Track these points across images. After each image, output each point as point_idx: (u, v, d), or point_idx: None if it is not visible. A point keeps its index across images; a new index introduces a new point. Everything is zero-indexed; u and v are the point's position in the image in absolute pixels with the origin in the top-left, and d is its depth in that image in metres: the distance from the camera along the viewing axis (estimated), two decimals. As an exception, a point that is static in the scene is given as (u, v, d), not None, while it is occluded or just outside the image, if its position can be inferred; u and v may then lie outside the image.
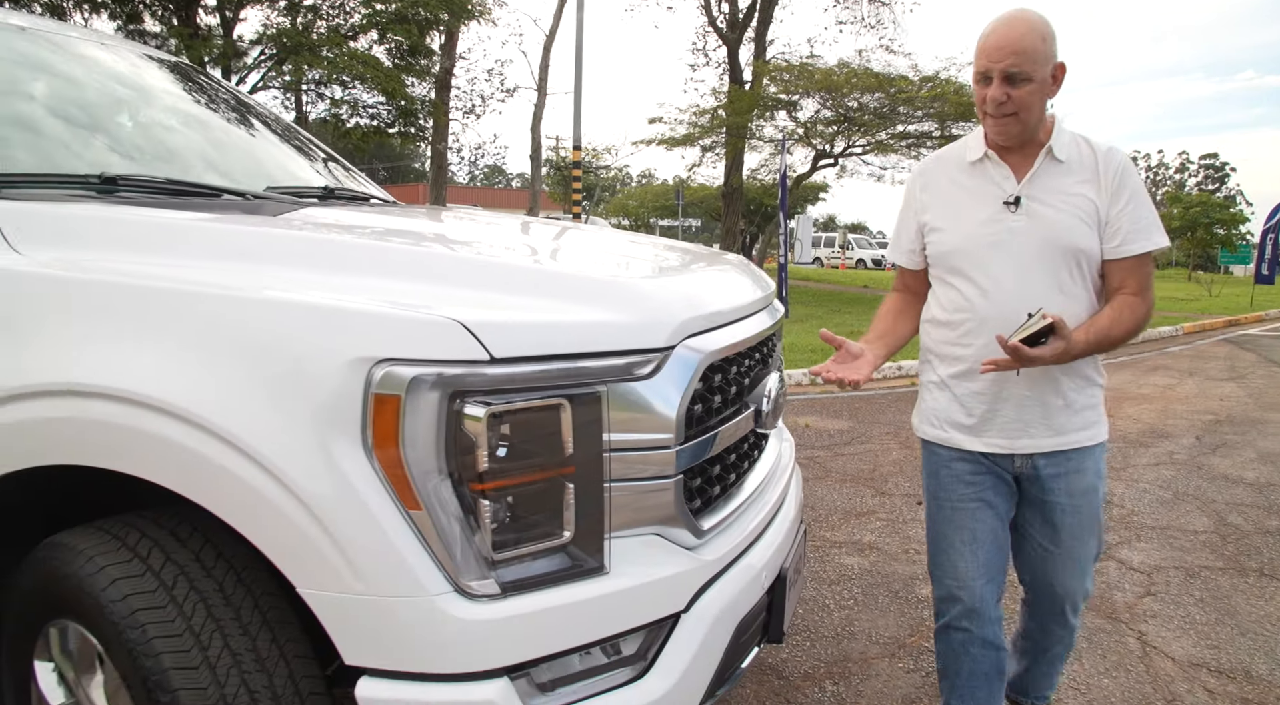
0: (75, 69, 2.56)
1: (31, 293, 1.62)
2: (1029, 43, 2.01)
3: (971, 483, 2.26)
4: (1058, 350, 2.01)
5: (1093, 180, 2.11)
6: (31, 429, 1.56)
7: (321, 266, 1.65)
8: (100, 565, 1.56)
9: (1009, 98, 2.05)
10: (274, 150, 2.98)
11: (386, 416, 1.43)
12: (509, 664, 1.49)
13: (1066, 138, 2.15)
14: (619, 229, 12.89)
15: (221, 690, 1.47)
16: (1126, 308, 2.11)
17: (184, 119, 2.75)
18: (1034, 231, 2.11)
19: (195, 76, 3.19)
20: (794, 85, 18.65)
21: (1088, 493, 2.22)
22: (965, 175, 2.22)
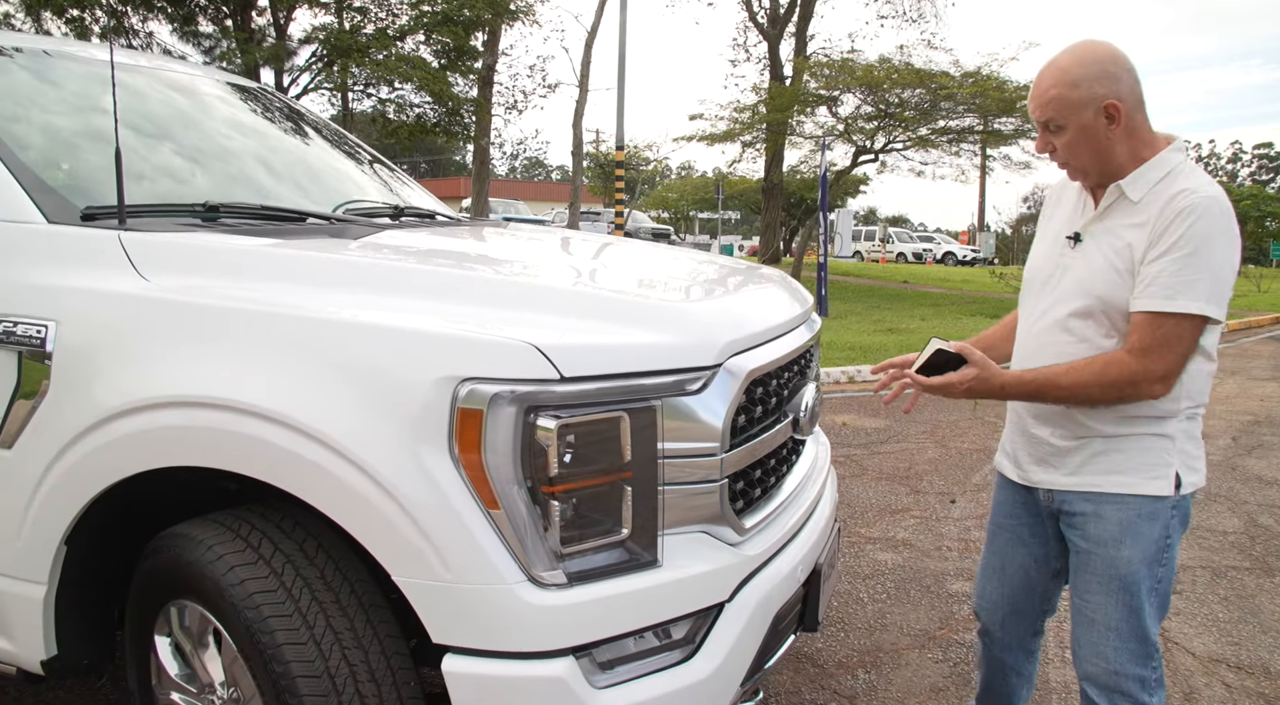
0: (171, 101, 2.81)
1: (157, 315, 1.85)
2: (1056, 93, 1.91)
3: (1010, 513, 2.24)
4: (965, 379, 1.95)
5: (1147, 224, 1.89)
6: (162, 434, 1.79)
7: (409, 292, 1.87)
8: (220, 553, 1.79)
9: (1054, 148, 1.98)
10: (347, 170, 3.22)
11: (470, 427, 1.64)
12: (574, 644, 1.70)
13: (1156, 174, 1.92)
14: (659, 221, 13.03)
15: (326, 663, 1.70)
16: (1102, 361, 1.91)
17: (267, 143, 3.00)
18: (1075, 271, 2.00)
19: (272, 99, 3.44)
20: (834, 81, 18.68)
21: (1106, 543, 1.99)
22: (1071, 202, 2.12)
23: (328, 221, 2.50)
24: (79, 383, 1.87)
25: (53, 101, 2.51)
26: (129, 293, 1.89)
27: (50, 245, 2.01)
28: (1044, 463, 2.10)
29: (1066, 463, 2.06)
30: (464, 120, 16.59)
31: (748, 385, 1.96)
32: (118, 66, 2.80)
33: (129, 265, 1.93)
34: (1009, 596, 2.28)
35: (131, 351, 1.84)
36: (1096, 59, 1.91)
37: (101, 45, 2.81)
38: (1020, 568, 2.24)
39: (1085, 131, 1.92)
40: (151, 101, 2.81)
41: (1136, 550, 1.97)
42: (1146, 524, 1.97)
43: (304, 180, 2.96)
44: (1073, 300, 2.00)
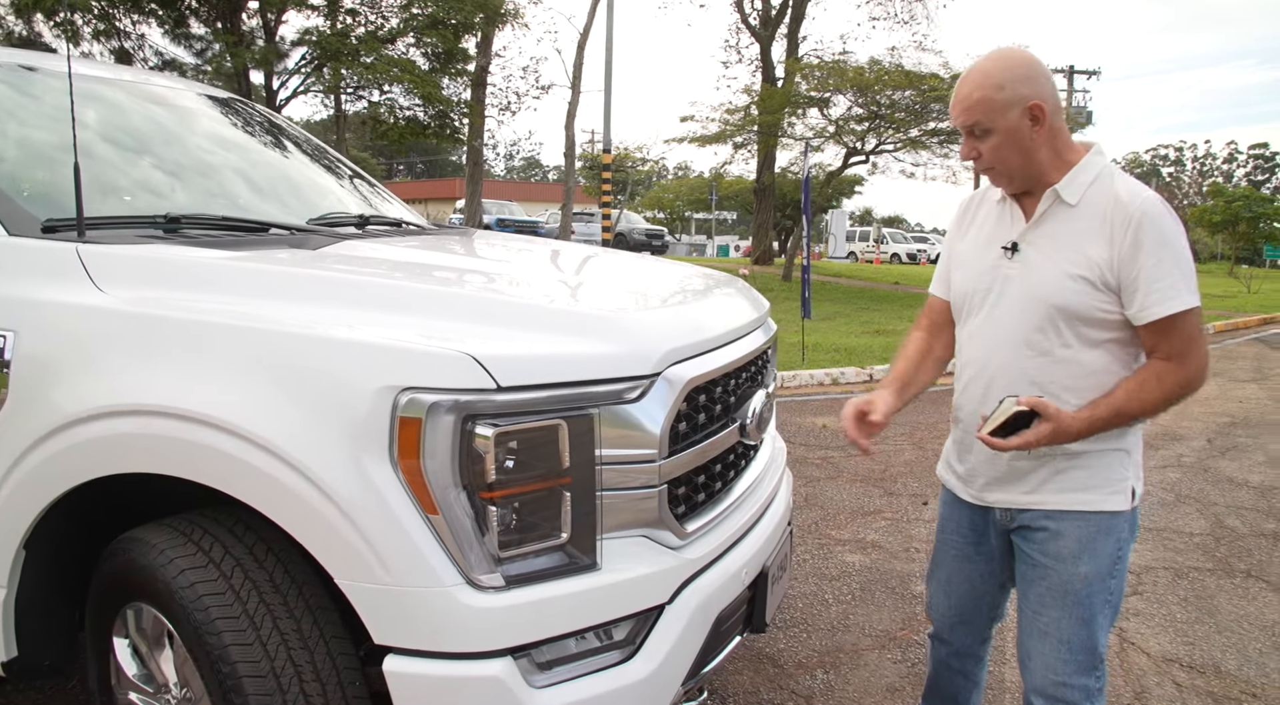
0: (140, 113, 2.87)
1: (111, 326, 1.91)
2: (980, 95, 1.90)
3: (956, 530, 2.23)
4: (1042, 435, 1.86)
5: (1100, 231, 1.89)
6: (114, 442, 1.84)
7: (356, 303, 1.92)
8: (171, 557, 1.85)
9: (979, 154, 1.95)
10: (316, 181, 3.28)
11: (409, 435, 1.70)
12: (512, 645, 1.75)
13: (1086, 177, 1.93)
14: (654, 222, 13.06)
15: (272, 664, 1.76)
16: (1153, 376, 1.89)
17: (236, 155, 3.05)
18: (1022, 282, 1.97)
19: (246, 111, 3.49)
20: (825, 83, 18.77)
21: (1064, 560, 1.99)
22: (992, 214, 2.11)
23: (289, 232, 2.55)
24: (36, 391, 1.93)
25: (22, 114, 2.56)
26: (85, 304, 1.94)
27: (9, 257, 2.06)
28: (1000, 482, 2.08)
29: (1026, 481, 2.03)
30: (454, 122, 16.63)
31: (687, 393, 2.01)
32: (95, 79, 2.87)
33: (86, 277, 1.99)
34: (956, 607, 2.30)
35: (87, 361, 1.90)
36: (1018, 62, 1.92)
37: (76, 58, 2.86)
38: (966, 580, 2.24)
39: (1011, 134, 1.91)
40: (124, 114, 2.86)
41: (1093, 566, 1.98)
42: (1103, 539, 1.98)
43: (272, 191, 3.01)
44: (1028, 314, 1.96)
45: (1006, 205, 2.07)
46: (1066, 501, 1.99)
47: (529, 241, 3.32)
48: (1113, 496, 1.98)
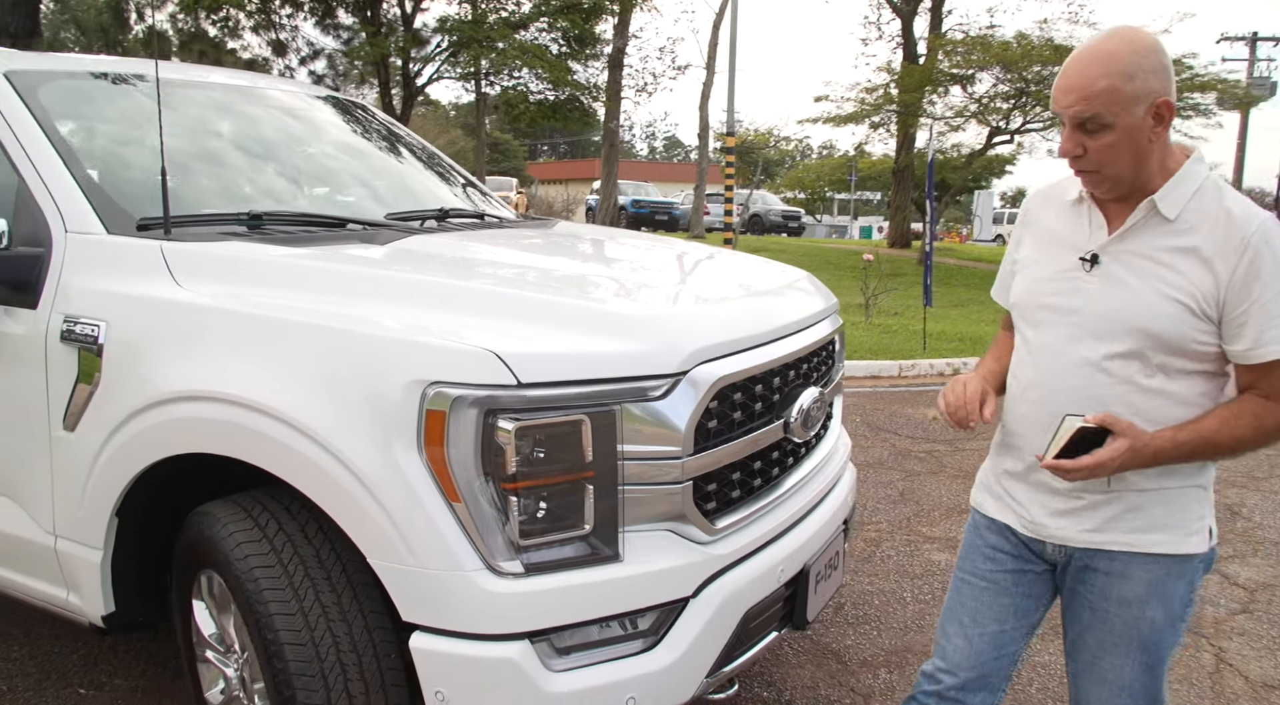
0: (249, 116, 3.08)
1: (184, 318, 2.09)
2: (1106, 83, 1.61)
3: (991, 558, 1.94)
4: (1117, 454, 1.64)
5: (1211, 253, 1.65)
6: (184, 424, 2.03)
7: (399, 298, 2.04)
8: (231, 530, 2.02)
9: (1085, 151, 1.68)
10: (407, 176, 3.45)
11: (435, 427, 1.80)
12: (529, 630, 1.84)
13: (1188, 188, 1.69)
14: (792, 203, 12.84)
15: (312, 633, 1.90)
16: (1249, 411, 1.69)
17: (332, 152, 3.24)
18: (1102, 299, 1.74)
19: (349, 110, 3.69)
20: (969, 59, 18.02)
21: (1130, 604, 1.78)
22: (1064, 216, 1.86)
23: (363, 227, 2.70)
24: (123, 376, 2.13)
25: (134, 119, 2.80)
26: (164, 298, 2.13)
27: (106, 254, 2.28)
28: (1063, 515, 1.82)
29: (1093, 516, 1.79)
30: (584, 105, 16.90)
31: (718, 391, 2.04)
32: (210, 85, 3.09)
33: (167, 273, 2.18)
34: (977, 653, 1.94)
35: (163, 350, 2.08)
36: (1150, 48, 1.63)
37: (191, 66, 3.09)
38: (995, 622, 1.92)
39: (1131, 133, 1.64)
40: (230, 117, 3.09)
41: (1162, 611, 1.78)
42: (1175, 583, 1.78)
43: (361, 188, 3.19)
44: (1112, 337, 1.72)
45: (1084, 208, 1.82)
46: (1138, 542, 1.77)
47: (597, 235, 3.38)
48: (1190, 538, 1.77)
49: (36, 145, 2.45)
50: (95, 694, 2.86)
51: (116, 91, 2.87)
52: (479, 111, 21.15)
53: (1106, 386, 1.73)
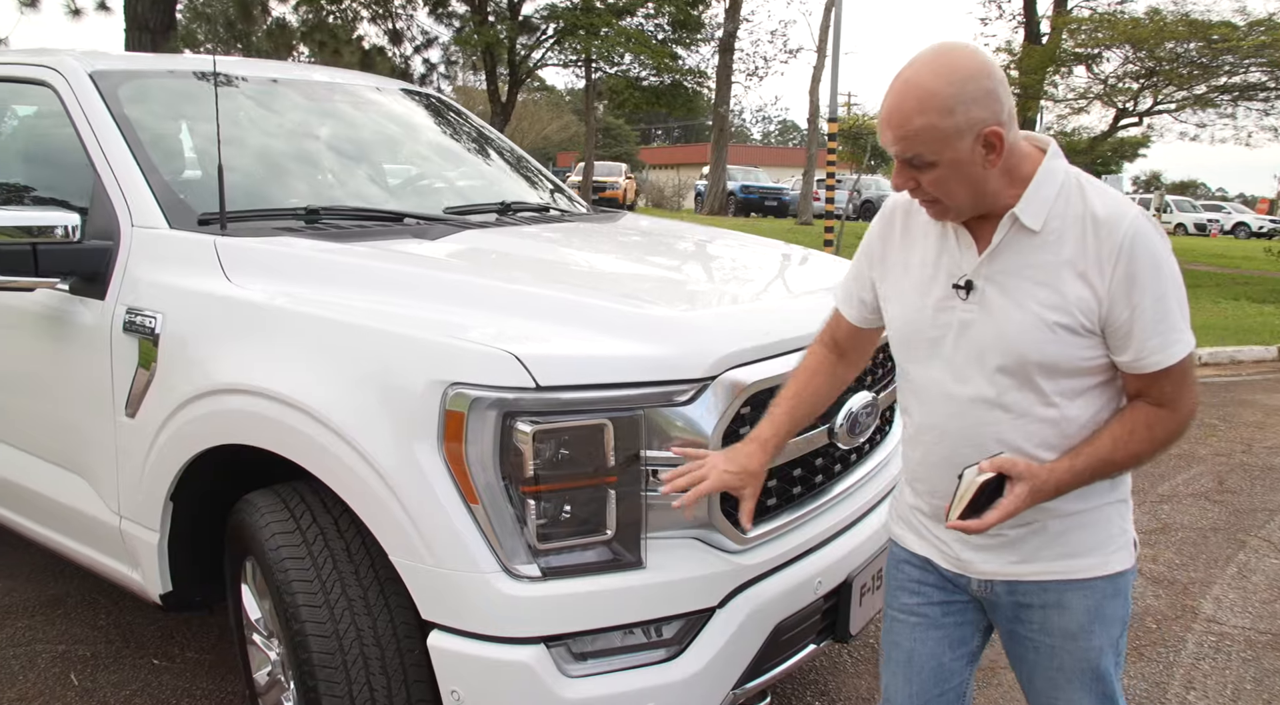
0: (320, 110, 3.15)
1: (231, 312, 2.15)
2: (922, 123, 1.49)
3: (917, 592, 1.82)
4: (1020, 499, 1.54)
5: (1085, 265, 1.53)
6: (225, 415, 2.09)
7: (430, 297, 2.05)
8: (268, 520, 2.07)
9: (917, 184, 1.56)
10: (474, 169, 3.47)
11: (455, 428, 1.80)
12: (545, 634, 1.82)
13: (1049, 192, 1.55)
14: None
15: (336, 626, 1.93)
16: (1143, 425, 1.59)
17: (396, 147, 3.29)
18: (984, 329, 1.60)
19: (426, 104, 3.74)
20: (1095, 38, 17.14)
21: (1074, 636, 1.69)
22: (930, 236, 1.70)
23: (418, 222, 2.73)
24: (175, 367, 2.21)
25: (206, 116, 2.89)
26: (213, 292, 2.20)
27: (166, 248, 2.36)
28: (986, 549, 1.71)
29: (1015, 549, 1.68)
30: (688, 91, 16.81)
31: (749, 397, 1.98)
32: (281, 82, 3.17)
33: (219, 268, 2.24)
34: (919, 696, 1.84)
35: (209, 343, 2.15)
36: (969, 74, 1.48)
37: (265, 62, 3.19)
38: (933, 655, 1.82)
39: (959, 167, 1.51)
40: (301, 112, 3.16)
41: (1105, 635, 1.69)
42: (1112, 603, 1.69)
43: (428, 181, 3.23)
44: (1000, 370, 1.59)
45: (950, 229, 1.66)
46: (1066, 570, 1.67)
47: (654, 231, 3.31)
48: (1116, 554, 1.68)
49: (112, 143, 2.55)
50: (167, 665, 3.00)
51: (191, 89, 2.97)
52: (588, 97, 21.29)
53: (1005, 422, 1.61)
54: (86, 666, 2.98)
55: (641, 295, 2.13)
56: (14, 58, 3.02)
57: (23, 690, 2.85)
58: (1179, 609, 3.53)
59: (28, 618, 3.30)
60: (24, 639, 3.15)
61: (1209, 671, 3.08)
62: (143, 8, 10.76)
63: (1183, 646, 3.24)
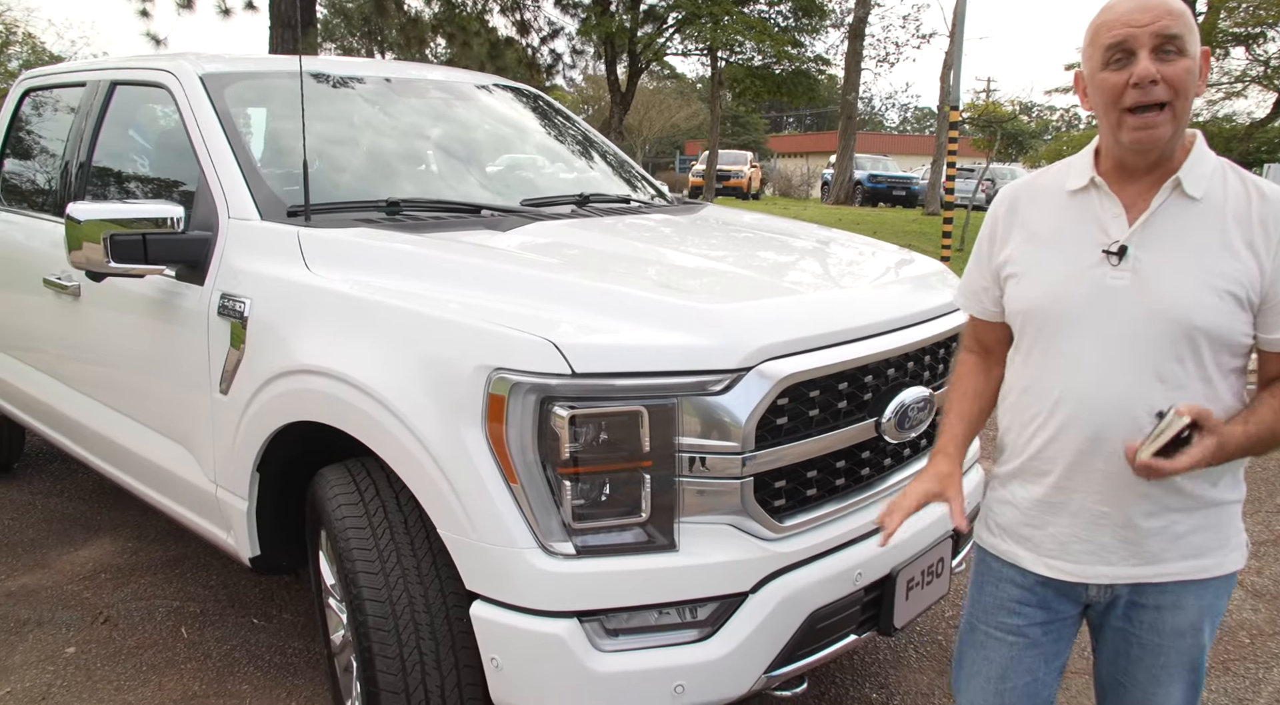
0: (410, 106, 3.32)
1: (310, 299, 2.32)
2: (1179, 6, 1.48)
3: (1017, 612, 1.77)
4: (1208, 451, 1.47)
5: (1250, 232, 1.52)
6: (300, 394, 2.26)
7: (486, 287, 2.17)
8: (336, 493, 2.23)
9: (1161, 78, 1.46)
10: (559, 162, 3.58)
11: (497, 411, 1.91)
12: (578, 609, 1.91)
13: (1208, 167, 1.56)
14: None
15: (390, 592, 2.07)
16: None
17: (486, 141, 3.43)
18: (1140, 297, 1.56)
19: (517, 98, 3.88)
20: (1255, 16, 16.01)
21: (1184, 634, 1.68)
22: (1063, 209, 1.67)
23: (494, 214, 2.85)
24: (260, 349, 2.39)
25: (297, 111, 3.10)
26: (294, 279, 2.37)
27: (256, 238, 2.55)
28: (1108, 551, 1.66)
29: (1144, 549, 1.64)
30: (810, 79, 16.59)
31: (788, 388, 2.01)
32: (378, 79, 3.36)
33: (300, 257, 2.42)
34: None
35: (289, 327, 2.32)
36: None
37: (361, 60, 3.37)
38: (1029, 672, 1.78)
39: (1195, 68, 1.50)
40: (393, 108, 3.34)
41: (1210, 631, 1.70)
42: (1221, 600, 1.70)
43: (509, 174, 3.36)
44: (1156, 337, 1.55)
45: (1093, 196, 1.62)
46: (1189, 570, 1.65)
47: (727, 222, 3.33)
48: (1232, 554, 1.68)
49: (215, 140, 2.77)
50: (265, 625, 3.24)
51: (292, 89, 3.17)
52: (713, 86, 21.28)
53: (1159, 393, 1.55)
54: (195, 622, 3.25)
55: (685, 287, 2.19)
56: (137, 62, 3.30)
57: (141, 640, 3.14)
58: (1278, 625, 3.34)
59: (151, 575, 3.62)
60: (146, 593, 3.46)
61: (1302, 691, 2.92)
62: (285, 5, 11.39)
63: (1276, 664, 3.08)
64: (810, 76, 16.58)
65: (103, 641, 3.12)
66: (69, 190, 3.40)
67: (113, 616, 3.29)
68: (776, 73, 16.25)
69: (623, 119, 14.77)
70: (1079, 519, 1.67)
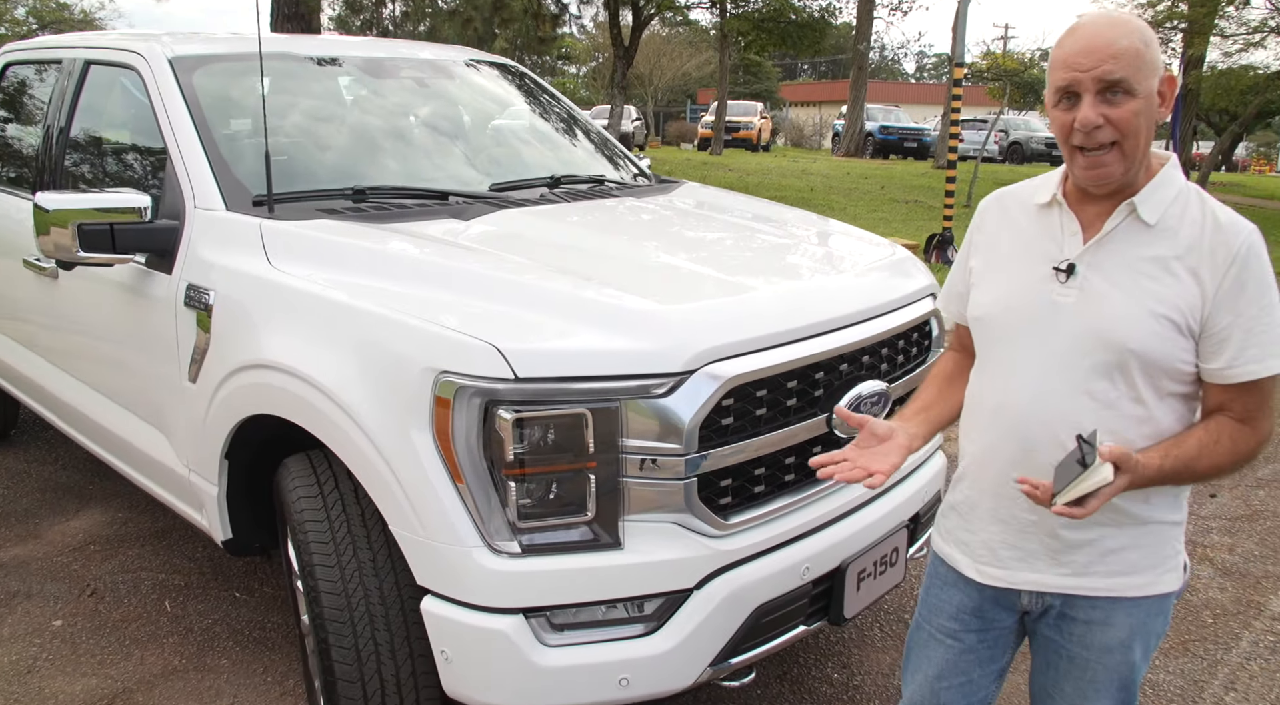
0: (366, 86, 3.31)
1: (268, 293, 2.35)
2: (1127, 44, 1.48)
3: (956, 617, 1.81)
4: (1117, 490, 1.48)
5: (1196, 263, 1.53)
6: (257, 387, 2.30)
7: (438, 284, 2.19)
8: (296, 484, 2.28)
9: (1105, 121, 1.50)
10: (533, 142, 3.57)
11: (443, 412, 1.94)
12: (523, 606, 1.97)
13: (1169, 192, 1.57)
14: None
15: (346, 585, 2.13)
16: (1227, 434, 1.57)
17: (459, 123, 3.42)
18: (1081, 315, 1.58)
19: (494, 74, 3.85)
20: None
21: (1113, 651, 1.69)
22: (1029, 222, 1.70)
23: (459, 201, 2.86)
24: (222, 341, 2.43)
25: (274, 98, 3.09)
26: (256, 274, 2.40)
27: (220, 228, 2.58)
28: (1032, 560, 1.69)
29: (1071, 560, 1.66)
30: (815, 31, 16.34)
31: (735, 389, 2.03)
32: (349, 59, 3.34)
33: (262, 249, 2.44)
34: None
35: (251, 320, 2.36)
36: (1144, 25, 1.54)
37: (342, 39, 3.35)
38: (963, 675, 1.83)
39: (1148, 105, 1.51)
40: (364, 89, 3.33)
41: (1142, 650, 1.71)
42: (1155, 621, 1.71)
43: (481, 155, 3.35)
44: (1090, 356, 1.57)
45: (1055, 212, 1.66)
46: (1118, 587, 1.66)
47: (693, 207, 3.31)
48: (1167, 576, 1.68)
49: (182, 127, 2.78)
50: (246, 598, 3.32)
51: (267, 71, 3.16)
52: (721, 37, 20.97)
53: (1089, 411, 1.58)
54: (179, 595, 3.34)
55: (633, 285, 2.20)
56: (111, 41, 3.29)
57: (125, 613, 3.23)
58: (1243, 604, 3.39)
59: (139, 547, 3.70)
60: (133, 566, 3.55)
61: (1256, 673, 2.97)
62: None
63: (1235, 645, 3.13)
64: (816, 28, 16.28)
65: (89, 615, 3.21)
66: (46, 171, 3.42)
67: (99, 589, 3.38)
68: (782, 24, 15.97)
69: (625, 73, 14.56)
70: (1009, 526, 1.71)
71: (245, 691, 2.82)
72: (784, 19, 15.79)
